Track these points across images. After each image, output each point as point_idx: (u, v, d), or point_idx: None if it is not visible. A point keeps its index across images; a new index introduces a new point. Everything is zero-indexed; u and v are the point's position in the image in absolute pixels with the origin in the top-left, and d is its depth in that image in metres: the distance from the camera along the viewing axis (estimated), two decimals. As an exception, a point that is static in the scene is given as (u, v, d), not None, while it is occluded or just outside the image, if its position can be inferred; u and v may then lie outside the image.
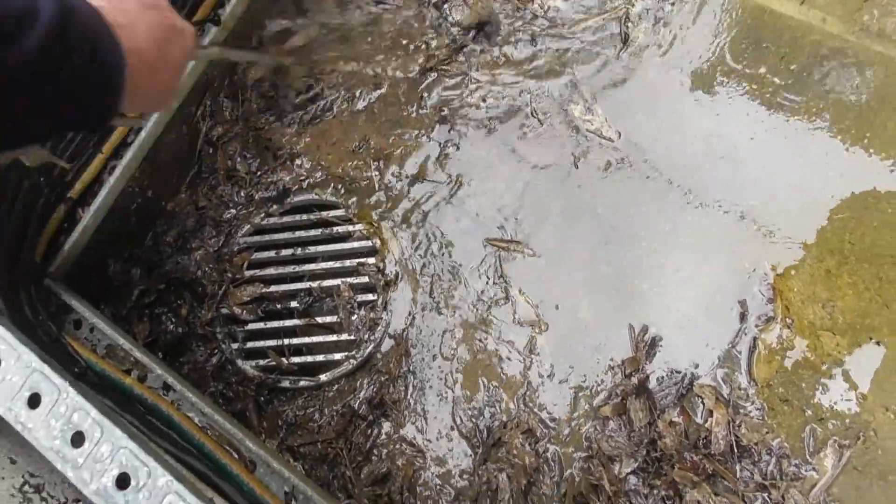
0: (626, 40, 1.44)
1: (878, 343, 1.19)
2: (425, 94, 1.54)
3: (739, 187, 1.31)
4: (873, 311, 1.21)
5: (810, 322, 1.23)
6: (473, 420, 1.33)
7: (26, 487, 0.97)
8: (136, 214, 1.48)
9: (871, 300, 1.21)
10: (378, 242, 1.47)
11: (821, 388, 1.19)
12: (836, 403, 1.18)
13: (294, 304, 1.48)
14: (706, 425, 1.22)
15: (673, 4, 1.44)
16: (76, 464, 0.90)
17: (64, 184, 1.23)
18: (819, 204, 1.27)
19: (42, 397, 0.92)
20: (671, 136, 1.37)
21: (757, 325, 1.25)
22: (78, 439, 0.91)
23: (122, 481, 0.88)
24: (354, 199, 1.52)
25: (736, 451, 1.19)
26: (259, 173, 1.58)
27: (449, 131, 1.50)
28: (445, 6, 1.58)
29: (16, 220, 1.19)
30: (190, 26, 0.90)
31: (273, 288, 1.50)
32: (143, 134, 1.33)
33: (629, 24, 1.45)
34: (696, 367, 1.26)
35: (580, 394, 1.30)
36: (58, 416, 0.92)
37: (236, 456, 1.12)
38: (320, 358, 1.44)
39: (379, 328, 1.42)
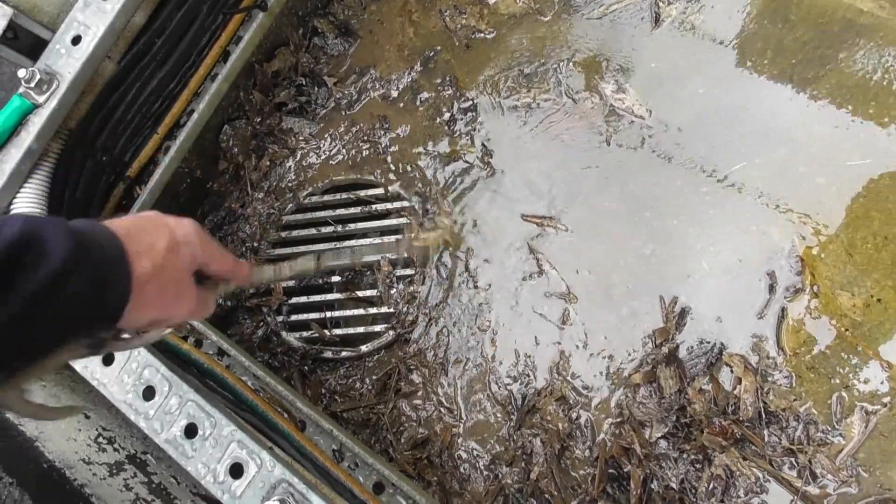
0: (657, 19, 1.47)
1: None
2: (459, 76, 1.59)
3: (768, 163, 1.34)
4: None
5: (832, 282, 1.25)
6: (508, 388, 1.39)
7: (100, 439, 1.06)
8: (185, 193, 1.56)
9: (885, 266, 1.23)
10: (414, 220, 1.53)
11: (847, 356, 1.22)
12: (861, 370, 1.21)
13: (336, 278, 1.55)
14: (735, 392, 1.26)
15: (703, -16, 1.46)
16: (148, 415, 0.98)
17: (123, 163, 1.31)
18: (845, 179, 1.29)
19: (115, 355, 1.00)
20: (701, 113, 1.40)
21: (785, 297, 1.28)
22: (149, 393, 0.99)
23: (191, 431, 0.96)
24: (392, 178, 1.57)
25: (764, 416, 1.23)
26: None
27: (482, 112, 1.55)
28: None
29: (80, 197, 1.27)
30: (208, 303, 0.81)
31: (315, 263, 1.57)
32: (195, 115, 1.40)
33: (661, 4, 1.48)
34: (726, 336, 1.29)
35: (611, 362, 1.35)
36: (130, 372, 1.00)
37: (287, 416, 1.19)
38: (361, 330, 1.51)
39: (417, 301, 1.48)
